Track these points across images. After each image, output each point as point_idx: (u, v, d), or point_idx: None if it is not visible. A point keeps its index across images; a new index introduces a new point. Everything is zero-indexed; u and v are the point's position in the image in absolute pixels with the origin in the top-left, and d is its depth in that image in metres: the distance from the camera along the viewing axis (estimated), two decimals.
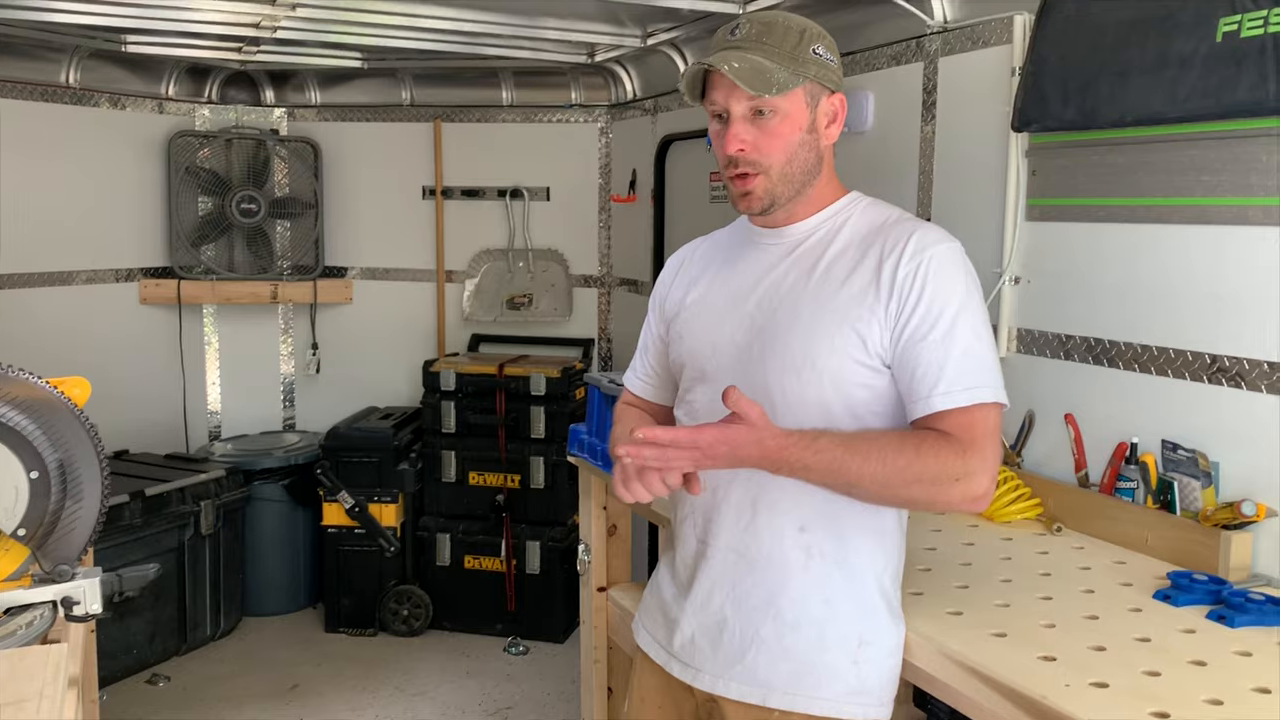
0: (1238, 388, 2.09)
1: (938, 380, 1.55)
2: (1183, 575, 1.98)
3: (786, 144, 1.64)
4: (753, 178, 1.65)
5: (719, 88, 1.65)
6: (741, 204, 1.69)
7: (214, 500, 4.40)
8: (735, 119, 1.63)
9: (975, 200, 2.73)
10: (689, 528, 1.78)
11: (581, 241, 5.13)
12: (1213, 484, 2.12)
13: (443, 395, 4.64)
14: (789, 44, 1.64)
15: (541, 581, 4.58)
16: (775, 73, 1.60)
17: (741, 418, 1.47)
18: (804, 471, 1.51)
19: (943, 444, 1.51)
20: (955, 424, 1.54)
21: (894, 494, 1.55)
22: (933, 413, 1.55)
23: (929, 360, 1.56)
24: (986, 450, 1.54)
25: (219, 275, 5.01)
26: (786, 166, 1.65)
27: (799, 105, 1.65)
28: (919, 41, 2.93)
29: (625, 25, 4.08)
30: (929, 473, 1.50)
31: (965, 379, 1.55)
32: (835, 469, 1.50)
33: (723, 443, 1.47)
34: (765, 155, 1.63)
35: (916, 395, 1.57)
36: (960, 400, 1.54)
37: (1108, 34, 2.23)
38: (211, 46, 4.44)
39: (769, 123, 1.63)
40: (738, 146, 1.64)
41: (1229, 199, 2.09)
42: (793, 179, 1.66)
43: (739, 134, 1.63)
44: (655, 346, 1.95)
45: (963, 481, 1.51)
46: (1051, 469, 2.51)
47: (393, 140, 5.18)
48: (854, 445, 1.50)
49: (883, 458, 1.49)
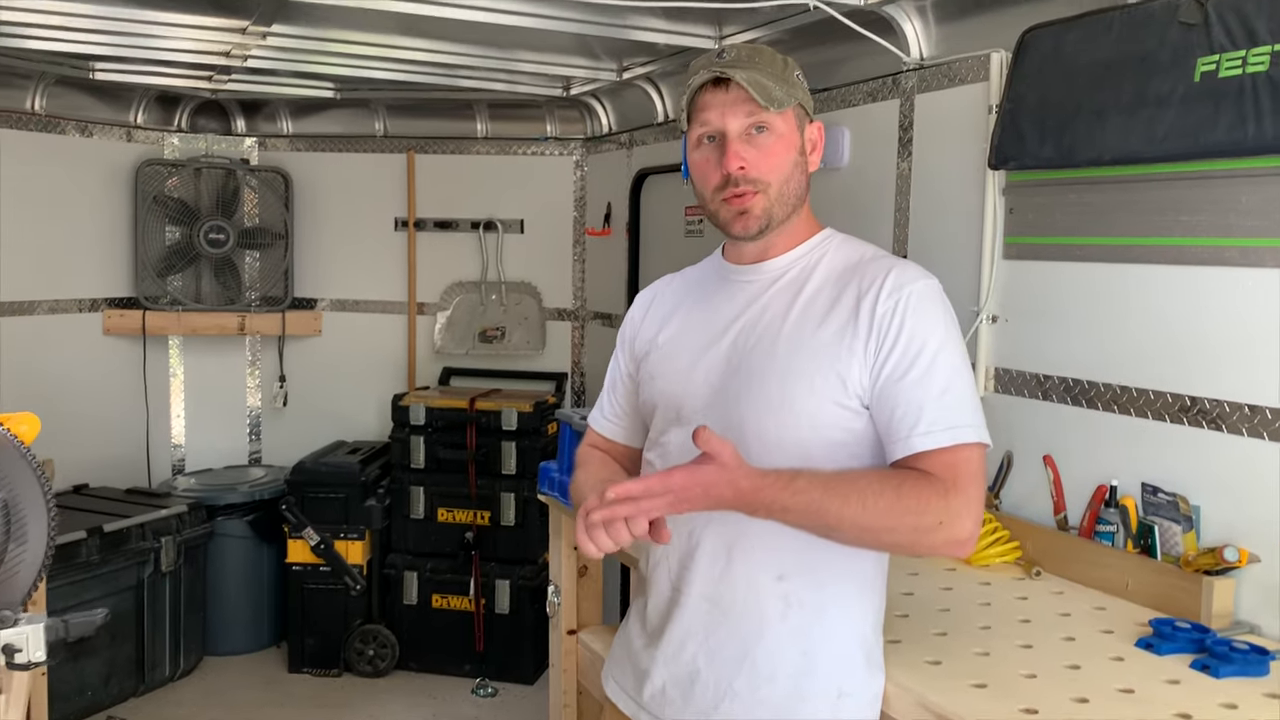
0: (1218, 430, 2.06)
1: (918, 420, 1.50)
2: (1165, 622, 1.94)
3: (782, 164, 1.61)
4: (751, 196, 1.61)
5: (712, 108, 1.61)
6: (738, 225, 1.64)
7: (175, 536, 4.29)
8: (733, 137, 1.60)
9: (952, 238, 2.71)
10: (661, 574, 1.72)
11: (555, 274, 5.08)
12: (1194, 528, 2.09)
13: (412, 430, 4.56)
14: (777, 67, 1.63)
15: (511, 621, 4.48)
16: (774, 89, 1.58)
17: (713, 458, 1.41)
18: (781, 513, 1.45)
19: (925, 485, 1.46)
20: (937, 465, 1.49)
21: (875, 538, 1.50)
22: (913, 454, 1.50)
23: (908, 400, 1.51)
24: (970, 492, 1.49)
25: (185, 306, 4.92)
26: (783, 186, 1.62)
27: (791, 126, 1.63)
28: (895, 78, 2.91)
29: (601, 59, 4.06)
30: (910, 516, 1.45)
31: (946, 419, 1.50)
32: (814, 510, 1.44)
33: (695, 484, 1.42)
34: (764, 173, 1.60)
35: (896, 435, 1.52)
36: (941, 440, 1.49)
37: (1085, 73, 2.21)
38: (182, 75, 4.38)
39: (765, 141, 1.60)
40: (739, 163, 1.59)
41: (1207, 239, 2.07)
42: (788, 200, 1.63)
43: (739, 151, 1.59)
44: (624, 386, 1.90)
45: (946, 525, 1.46)
46: (1030, 511, 2.47)
47: (365, 171, 5.13)
48: (833, 486, 1.45)
49: (863, 500, 1.44)
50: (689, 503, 1.43)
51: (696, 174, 1.67)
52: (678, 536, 1.66)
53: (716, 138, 1.62)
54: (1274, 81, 1.85)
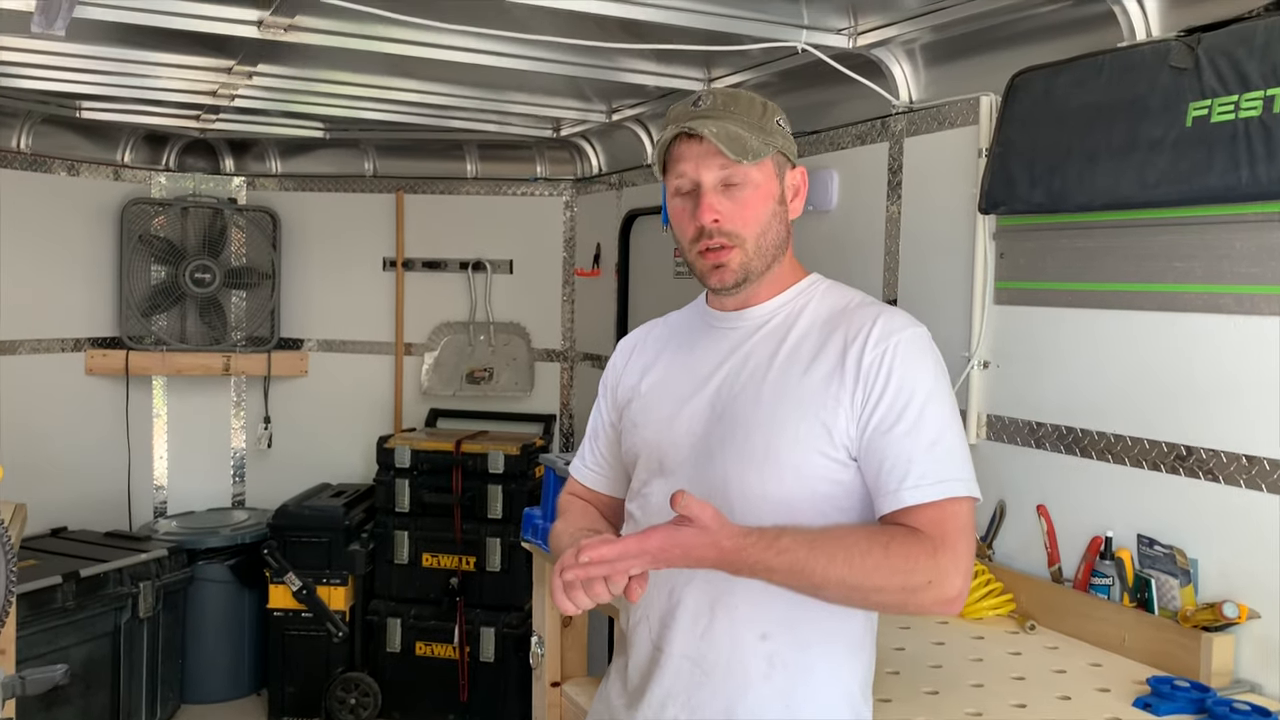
0: (1215, 481, 2.01)
1: (906, 474, 1.45)
2: (1164, 681, 1.88)
3: (759, 216, 1.56)
4: (727, 250, 1.56)
5: (687, 159, 1.57)
6: (714, 278, 1.60)
7: (154, 581, 4.20)
8: (707, 190, 1.55)
9: (942, 282, 2.67)
10: (642, 632, 1.65)
11: (544, 315, 5.04)
12: (1192, 582, 2.03)
13: (397, 473, 4.49)
14: (755, 114, 1.58)
15: (496, 670, 4.39)
16: (749, 140, 1.53)
17: (693, 521, 1.36)
18: (766, 573, 1.40)
19: (913, 543, 1.41)
20: (925, 520, 1.44)
21: (863, 597, 1.44)
22: (901, 508, 1.45)
23: (897, 452, 1.46)
24: (959, 548, 1.43)
25: (170, 346, 4.86)
26: (760, 239, 1.57)
27: (769, 176, 1.58)
28: (884, 121, 2.89)
29: (591, 100, 4.05)
30: (898, 575, 1.40)
31: (935, 472, 1.45)
32: (799, 570, 1.39)
33: (673, 546, 1.36)
34: (740, 226, 1.55)
35: (884, 489, 1.47)
36: (931, 495, 1.44)
37: (1076, 117, 2.19)
38: (170, 114, 4.35)
39: (741, 193, 1.55)
40: (712, 217, 1.55)
41: (1201, 286, 2.03)
42: (765, 252, 1.58)
43: (712, 204, 1.55)
44: (606, 434, 1.84)
45: (935, 584, 1.41)
46: (1023, 562, 2.41)
47: (354, 211, 5.10)
48: (819, 544, 1.39)
49: (849, 558, 1.38)
50: (668, 562, 1.38)
51: (674, 224, 1.63)
52: (659, 594, 1.60)
53: (691, 189, 1.58)
54: (1267, 127, 1.82)
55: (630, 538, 1.38)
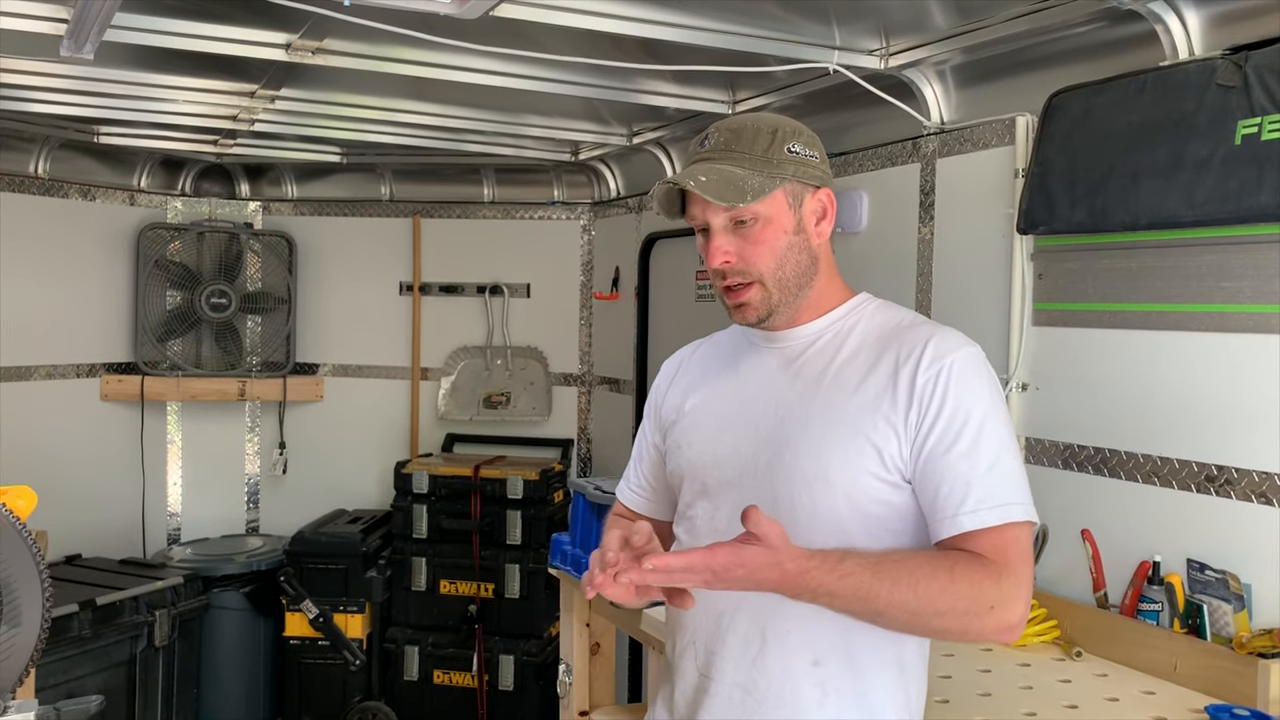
0: (1268, 504, 1.97)
1: (965, 498, 1.42)
2: (1222, 709, 1.84)
3: (774, 250, 1.54)
4: (746, 289, 1.55)
5: (695, 202, 1.56)
6: (737, 316, 1.59)
7: (170, 609, 4.15)
8: (716, 231, 1.54)
9: (978, 303, 2.64)
10: (689, 660, 1.62)
11: (562, 339, 5.01)
12: (1246, 607, 1.99)
13: (415, 498, 4.45)
14: (760, 147, 1.54)
15: (515, 698, 4.33)
16: (747, 180, 1.50)
17: (759, 538, 1.32)
18: (827, 598, 1.36)
19: (977, 568, 1.37)
20: (986, 545, 1.40)
21: (925, 623, 1.40)
22: (961, 533, 1.41)
23: (955, 476, 1.43)
24: (1021, 574, 1.40)
25: (185, 371, 4.83)
26: (778, 272, 1.54)
27: (780, 208, 1.54)
28: (915, 142, 2.87)
29: (610, 124, 4.03)
30: (963, 600, 1.36)
31: (995, 496, 1.42)
32: (863, 595, 1.35)
33: (738, 565, 1.32)
34: (753, 265, 1.54)
35: (943, 514, 1.43)
36: (990, 520, 1.41)
37: (1118, 136, 2.17)
38: (186, 139, 4.34)
39: (751, 230, 1.53)
40: (723, 259, 1.54)
41: (1250, 306, 2.01)
42: (787, 284, 1.56)
43: (722, 246, 1.53)
44: (650, 456, 1.81)
45: (997, 609, 1.37)
46: (1067, 588, 2.37)
47: (370, 235, 5.08)
48: (882, 569, 1.35)
49: (914, 583, 1.35)
50: (728, 583, 1.34)
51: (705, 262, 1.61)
52: (705, 620, 1.57)
53: (704, 228, 1.56)
54: None
55: (696, 551, 1.33)
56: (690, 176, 1.50)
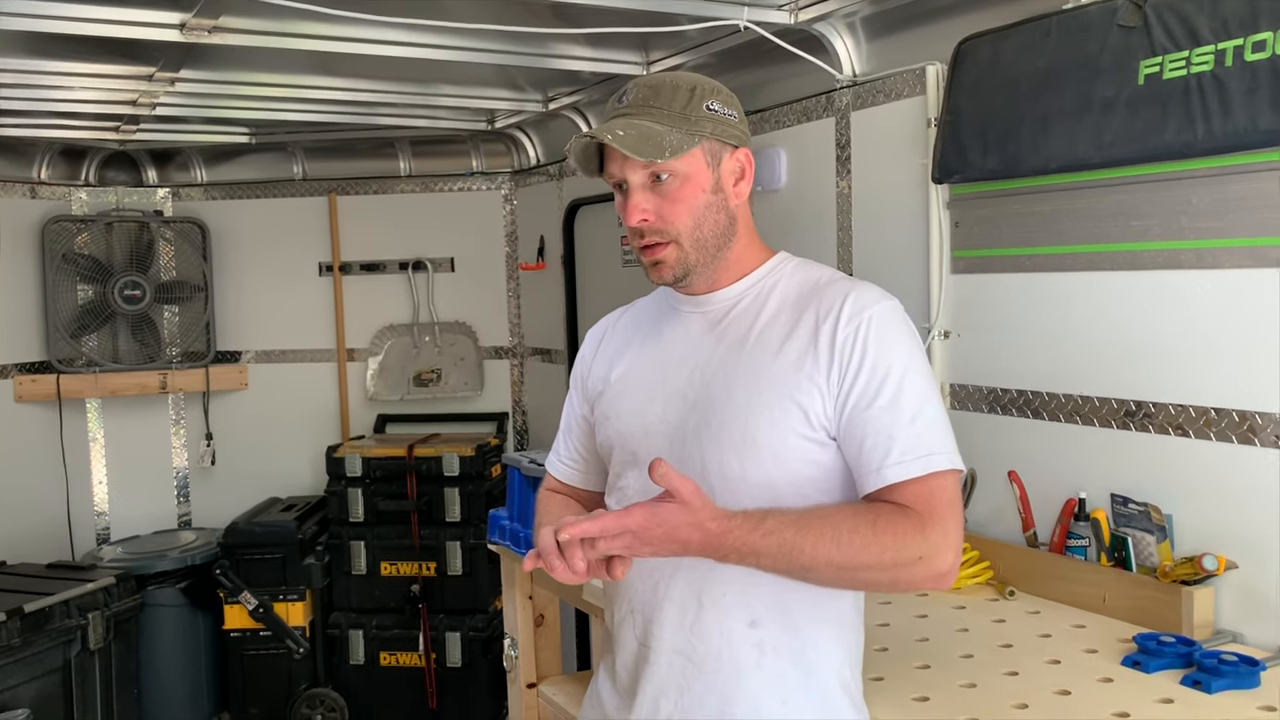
0: (1185, 436, 2.02)
1: (889, 450, 1.42)
2: (1150, 637, 1.89)
3: (691, 208, 1.52)
4: (661, 247, 1.53)
5: (613, 159, 1.53)
6: (653, 275, 1.57)
7: (103, 611, 4.05)
8: (634, 189, 1.52)
9: (897, 254, 2.66)
10: (628, 629, 1.61)
11: (490, 312, 4.96)
12: (1168, 538, 2.04)
13: (349, 482, 4.39)
14: (678, 104, 1.52)
15: (464, 674, 4.32)
16: (666, 135, 1.49)
17: (674, 495, 1.31)
18: (753, 557, 1.36)
19: (901, 519, 1.38)
20: (911, 496, 1.41)
21: (852, 577, 1.41)
22: (886, 485, 1.42)
23: (878, 430, 1.43)
24: (948, 522, 1.41)
25: (102, 367, 4.69)
26: (695, 231, 1.53)
27: (699, 166, 1.53)
28: (829, 96, 2.87)
29: (525, 90, 3.97)
30: (889, 552, 1.37)
31: (918, 447, 1.42)
32: (787, 553, 1.35)
33: (655, 524, 1.32)
34: (670, 223, 1.52)
35: (867, 467, 1.44)
36: (914, 471, 1.42)
37: (1026, 81, 2.18)
38: (87, 126, 4.19)
39: (669, 188, 1.51)
40: (640, 217, 1.52)
41: (1160, 243, 2.04)
42: (705, 244, 1.54)
43: (639, 204, 1.52)
44: (578, 427, 1.80)
45: (926, 559, 1.38)
46: (997, 529, 2.42)
47: (285, 216, 4.96)
48: (806, 525, 1.36)
49: (837, 538, 1.35)
50: (651, 544, 1.33)
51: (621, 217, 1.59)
52: (642, 589, 1.56)
53: (624, 186, 1.54)
54: (1220, 81, 1.83)
55: (610, 515, 1.33)
56: (608, 130, 1.47)
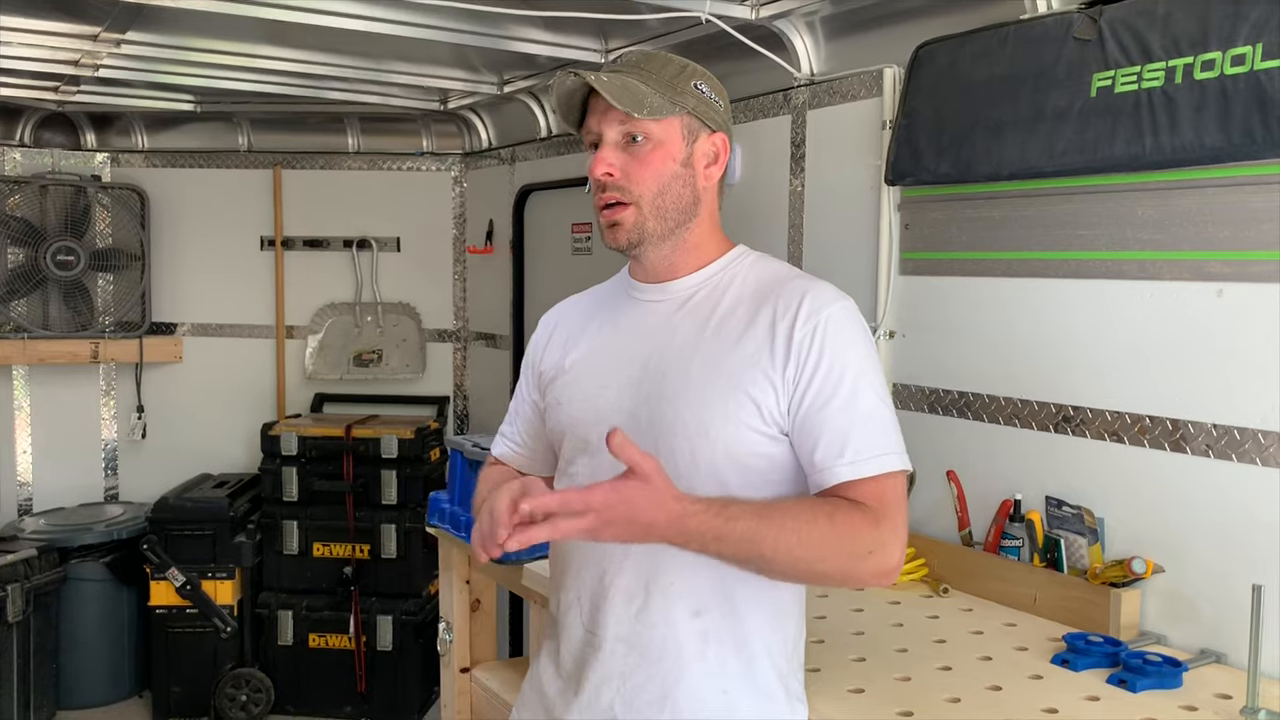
0: (1119, 443, 2.07)
1: (843, 449, 1.44)
2: (1078, 637, 1.93)
3: (658, 174, 1.52)
4: (621, 208, 1.53)
5: (593, 112, 1.54)
6: (608, 236, 1.57)
7: (23, 583, 3.96)
8: (606, 144, 1.53)
9: (847, 254, 2.69)
10: (574, 616, 1.61)
11: (435, 294, 4.91)
12: (1099, 540, 2.10)
13: (283, 460, 4.33)
14: (668, 73, 1.54)
15: (394, 658, 4.28)
16: (649, 97, 1.50)
17: (635, 471, 1.31)
18: (716, 543, 1.35)
19: (855, 514, 1.40)
20: (864, 494, 1.43)
21: (807, 568, 1.42)
22: (839, 483, 1.44)
23: (833, 428, 1.45)
24: (897, 520, 1.44)
25: (31, 333, 4.56)
26: (658, 199, 1.53)
27: (674, 135, 1.54)
28: (786, 94, 2.89)
29: (480, 72, 3.94)
30: (844, 545, 1.39)
31: (872, 447, 1.44)
32: (749, 540, 1.35)
33: (619, 503, 1.29)
34: (634, 183, 1.52)
35: (822, 465, 1.45)
36: (868, 470, 1.44)
37: (982, 88, 2.22)
38: (24, 85, 4.06)
39: (640, 149, 1.52)
40: (605, 169, 1.52)
41: (1105, 253, 2.09)
42: (665, 213, 1.54)
43: (607, 158, 1.52)
44: (526, 413, 1.79)
45: (875, 554, 1.41)
46: (934, 528, 2.46)
47: (228, 188, 4.86)
48: (768, 515, 1.37)
49: (797, 529, 1.36)
50: (612, 525, 1.31)
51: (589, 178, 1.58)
52: (590, 576, 1.56)
53: (598, 144, 1.54)
54: (1169, 97, 1.87)
55: (572, 491, 1.31)
56: (596, 77, 1.48)
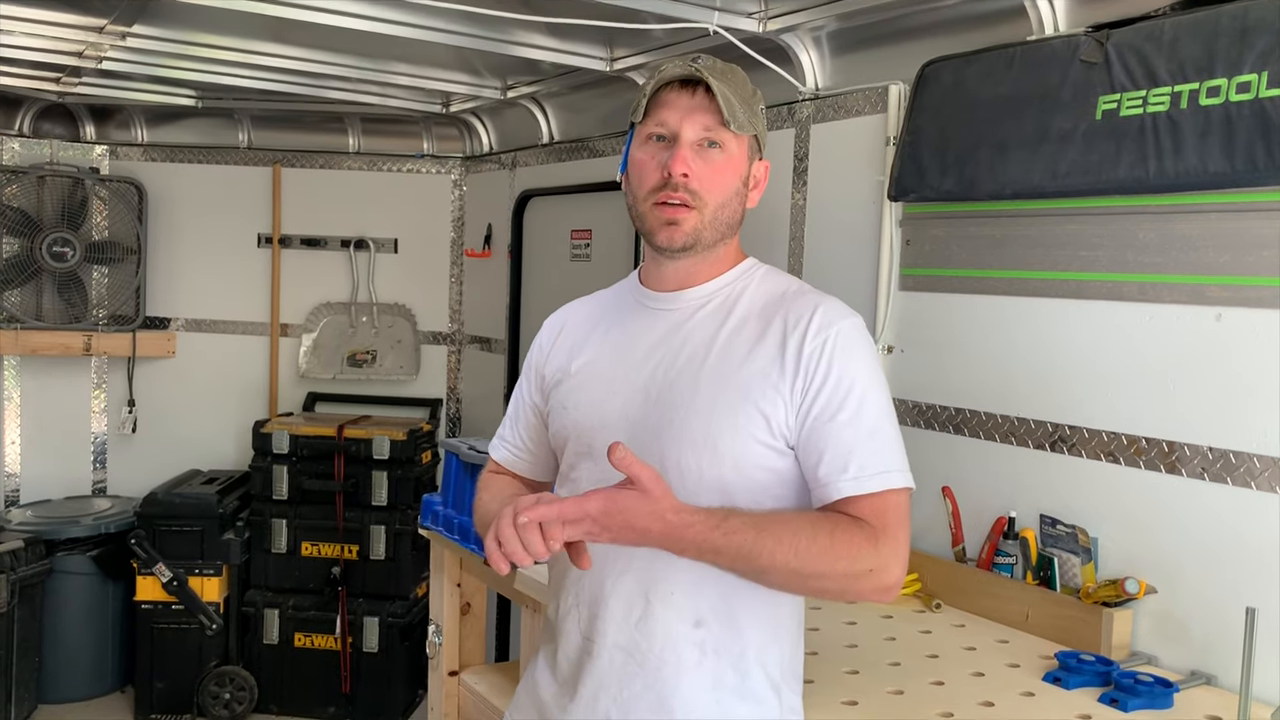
0: (1115, 463, 2.09)
1: (847, 464, 1.45)
2: (1070, 655, 1.94)
3: (726, 185, 1.54)
4: (686, 210, 1.52)
5: (674, 108, 1.52)
6: (662, 234, 1.54)
7: (9, 575, 3.93)
8: (685, 143, 1.51)
9: (847, 268, 2.70)
10: (572, 622, 1.61)
11: (431, 296, 4.91)
12: (1093, 560, 2.11)
13: (275, 458, 4.32)
14: (746, 92, 1.55)
15: (380, 660, 4.27)
16: (739, 111, 1.51)
17: (635, 482, 1.32)
18: (712, 554, 1.37)
19: (856, 531, 1.41)
20: (866, 510, 1.44)
21: (803, 583, 1.43)
22: (842, 498, 1.45)
23: (838, 443, 1.45)
24: (899, 538, 1.44)
25: (24, 324, 4.54)
26: (719, 210, 1.54)
27: (743, 152, 1.56)
28: (791, 108, 2.90)
29: (483, 76, 3.95)
30: (842, 562, 1.39)
31: (876, 463, 1.45)
32: (746, 553, 1.36)
33: (615, 511, 1.32)
34: (706, 189, 1.52)
35: (826, 480, 1.46)
36: (871, 486, 1.44)
37: (987, 107, 2.23)
38: (25, 75, 4.05)
39: (716, 157, 1.52)
40: (684, 169, 1.51)
41: (1106, 274, 2.11)
42: (719, 226, 1.55)
43: (687, 158, 1.51)
44: (527, 417, 1.79)
45: (876, 572, 1.41)
46: (927, 543, 2.46)
47: (227, 184, 4.85)
48: (766, 528, 1.37)
49: (796, 544, 1.37)
50: (610, 531, 1.33)
51: (635, 171, 1.57)
52: (590, 582, 1.56)
53: (668, 139, 1.53)
54: (1174, 121, 1.89)
55: (569, 499, 1.33)
56: (708, 76, 1.48)
